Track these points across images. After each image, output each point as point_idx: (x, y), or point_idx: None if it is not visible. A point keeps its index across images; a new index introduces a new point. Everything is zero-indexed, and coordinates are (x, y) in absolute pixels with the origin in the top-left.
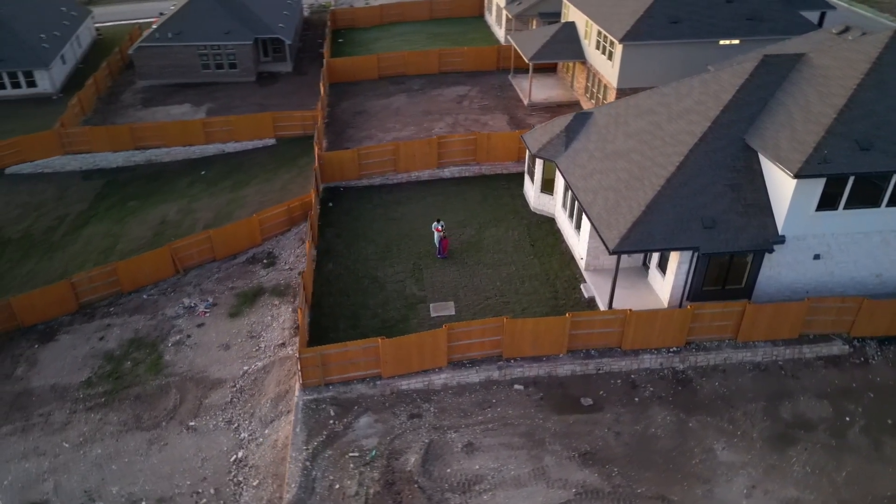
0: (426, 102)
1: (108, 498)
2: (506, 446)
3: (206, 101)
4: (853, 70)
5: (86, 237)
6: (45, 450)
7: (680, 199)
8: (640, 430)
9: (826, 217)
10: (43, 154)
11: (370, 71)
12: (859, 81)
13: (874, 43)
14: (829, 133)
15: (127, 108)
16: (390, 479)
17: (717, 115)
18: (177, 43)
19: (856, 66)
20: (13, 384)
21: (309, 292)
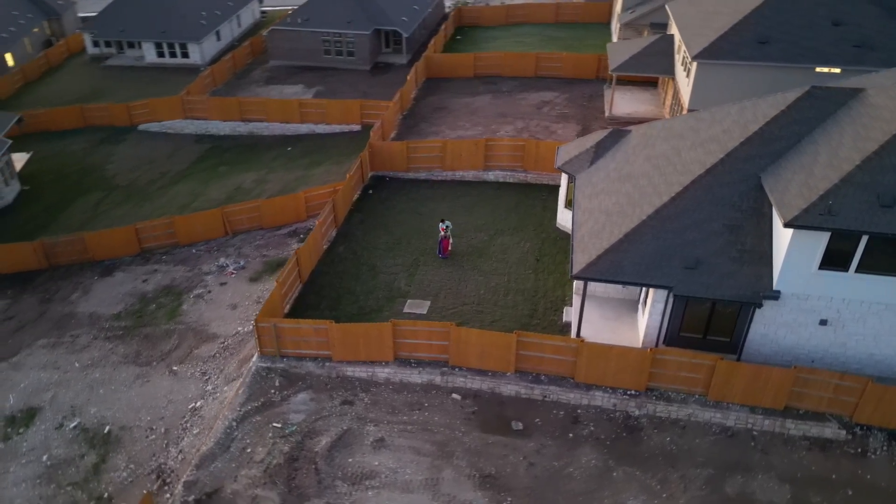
0: (507, 105)
1: (84, 416)
2: (414, 450)
3: (318, 84)
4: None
5: (173, 192)
6: (60, 365)
7: (665, 233)
8: (557, 466)
9: (833, 278)
10: (168, 116)
11: (466, 69)
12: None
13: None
14: (845, 181)
15: (251, 84)
16: (296, 455)
17: (734, 147)
18: (304, 28)
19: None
20: (65, 306)
21: (305, 268)
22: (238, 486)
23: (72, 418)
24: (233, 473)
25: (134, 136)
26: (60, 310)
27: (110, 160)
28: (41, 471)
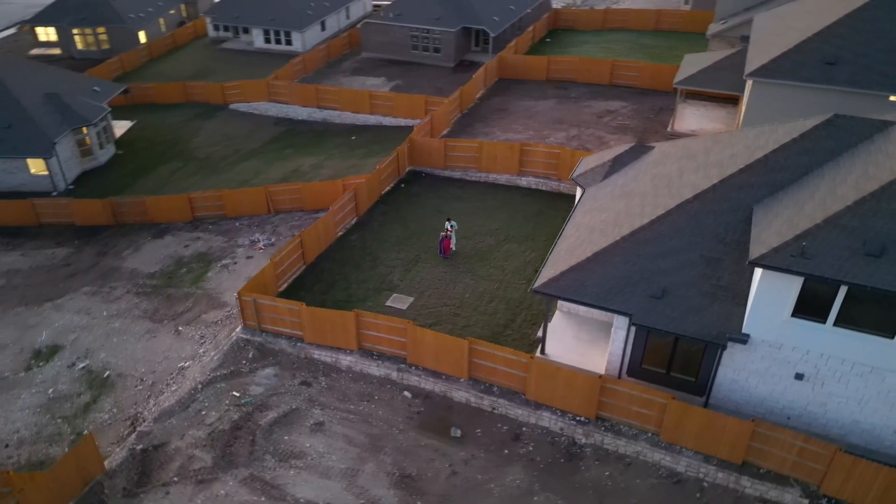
0: (568, 111)
1: (94, 359)
2: (346, 440)
3: (399, 77)
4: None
5: (239, 169)
6: (91, 311)
7: (637, 257)
8: (479, 480)
9: (808, 328)
10: (255, 98)
11: (538, 72)
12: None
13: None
14: (829, 222)
15: (338, 74)
16: (241, 424)
17: (731, 173)
18: (395, 23)
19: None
20: (115, 261)
21: (309, 251)
22: (181, 444)
23: (83, 360)
24: (182, 431)
25: (224, 113)
26: (110, 263)
27: (197, 134)
28: (43, 402)
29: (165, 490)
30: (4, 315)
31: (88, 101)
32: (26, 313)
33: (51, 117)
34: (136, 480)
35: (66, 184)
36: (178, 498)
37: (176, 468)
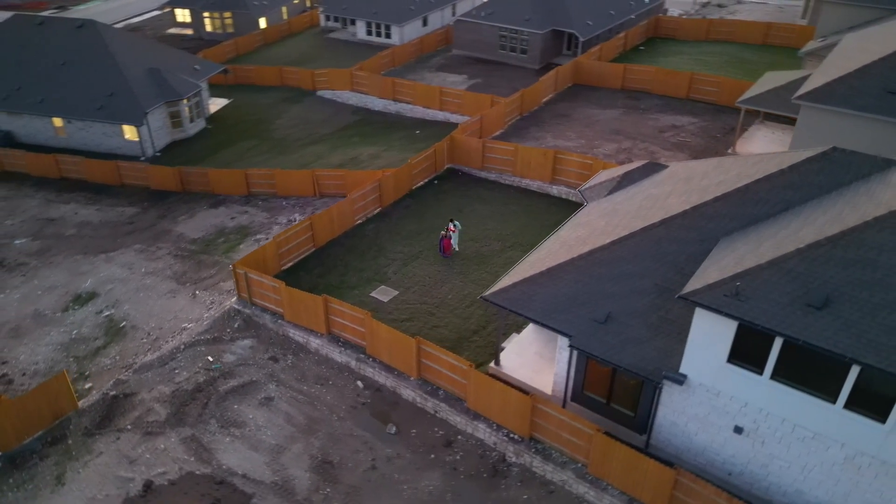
0: (630, 123)
1: (118, 310)
2: (286, 418)
3: (480, 76)
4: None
5: (305, 152)
6: (133, 267)
7: (588, 278)
8: (395, 479)
9: (746, 378)
10: (339, 86)
11: (614, 80)
12: (883, 216)
13: None
14: (773, 265)
15: (423, 69)
16: (202, 387)
17: (706, 200)
18: (485, 21)
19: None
20: (170, 224)
21: (320, 235)
22: (147, 396)
23: (109, 309)
24: (152, 385)
25: (311, 99)
26: (165, 226)
27: (281, 116)
28: (65, 341)
29: (117, 435)
30: (64, 261)
31: (186, 77)
32: (82, 261)
33: (148, 90)
34: (98, 422)
35: (154, 151)
36: (125, 444)
37: (134, 417)
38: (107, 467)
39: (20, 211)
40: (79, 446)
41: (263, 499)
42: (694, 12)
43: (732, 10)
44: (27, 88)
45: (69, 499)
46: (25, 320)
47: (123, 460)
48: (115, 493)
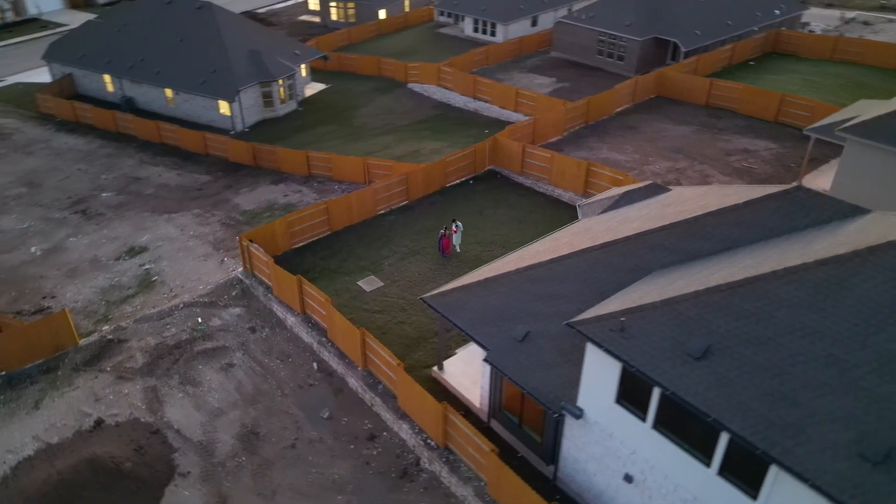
0: (698, 142)
1: (157, 265)
2: (237, 386)
3: (569, 80)
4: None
5: (375, 141)
6: (184, 228)
7: (519, 293)
8: (308, 461)
9: (631, 423)
10: (427, 80)
11: (698, 95)
12: (793, 266)
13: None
14: (666, 305)
15: (516, 69)
16: (181, 344)
17: (651, 229)
18: (585, 25)
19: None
20: (231, 195)
21: (336, 220)
22: (134, 345)
23: (150, 263)
24: (143, 336)
25: (400, 91)
26: (227, 195)
27: (367, 104)
28: (106, 286)
29: (97, 375)
30: (134, 216)
31: (283, 61)
32: (147, 219)
33: (245, 70)
34: (87, 361)
35: (244, 126)
36: (98, 384)
37: (115, 361)
38: (76, 401)
39: (116, 168)
40: (64, 379)
41: (184, 455)
42: (833, 28)
43: (878, 30)
44: (149, 60)
45: (35, 422)
46: (83, 263)
47: (91, 397)
48: (71, 424)
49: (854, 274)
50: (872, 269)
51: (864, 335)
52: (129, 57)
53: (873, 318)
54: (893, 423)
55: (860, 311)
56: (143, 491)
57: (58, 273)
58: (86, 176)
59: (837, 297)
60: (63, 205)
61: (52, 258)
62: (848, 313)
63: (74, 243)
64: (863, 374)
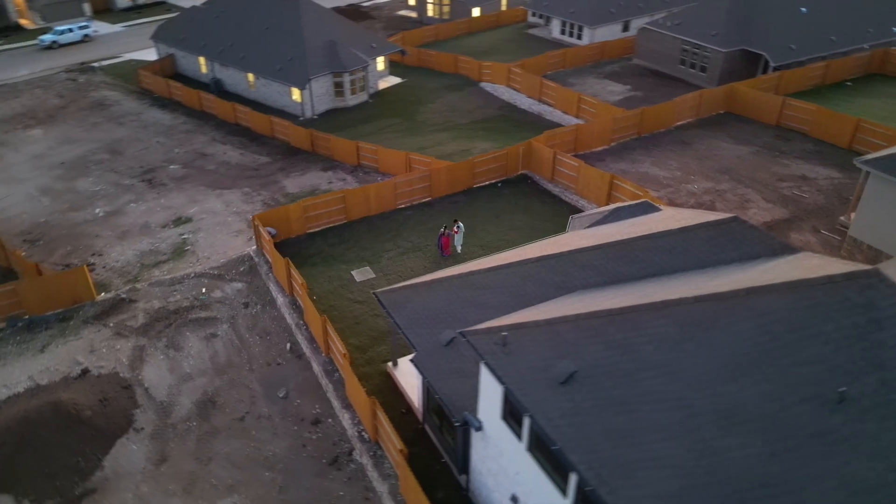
0: (750, 165)
1: (194, 234)
2: (212, 356)
3: (643, 89)
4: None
5: (430, 137)
6: (229, 204)
7: (455, 298)
8: (251, 435)
9: (513, 443)
10: (498, 80)
11: (769, 113)
12: (672, 300)
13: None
14: (549, 324)
15: (592, 74)
16: (179, 311)
17: (584, 247)
18: (668, 32)
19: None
20: (282, 177)
21: (353, 210)
22: (141, 306)
23: (189, 233)
24: (151, 298)
25: (472, 89)
26: (278, 177)
27: (435, 101)
28: (146, 250)
29: (99, 329)
30: (191, 189)
31: (358, 53)
32: (204, 192)
33: (319, 59)
34: (97, 315)
35: (313, 114)
36: (98, 337)
37: (119, 319)
38: (74, 350)
39: (189, 143)
40: (73, 329)
41: (144, 412)
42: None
43: None
44: (236, 46)
45: (35, 363)
46: (135, 228)
47: (88, 349)
48: (63, 370)
49: (724, 315)
50: (742, 311)
51: (717, 382)
52: (220, 41)
53: (730, 364)
54: (722, 478)
55: (720, 356)
56: (97, 439)
57: (111, 234)
58: (161, 148)
59: (703, 338)
60: (134, 173)
61: (111, 220)
62: (708, 356)
63: (133, 209)
64: (705, 423)
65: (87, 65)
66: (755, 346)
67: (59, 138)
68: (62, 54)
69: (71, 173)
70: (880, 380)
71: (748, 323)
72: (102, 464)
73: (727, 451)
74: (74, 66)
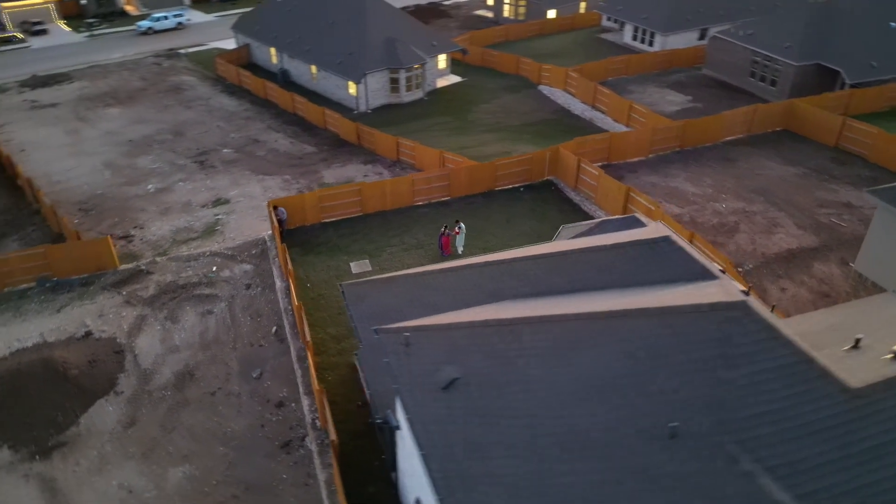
0: (792, 188)
1: (227, 217)
2: (202, 332)
3: (705, 101)
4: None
5: (475, 137)
6: (267, 190)
7: (408, 296)
8: (219, 410)
9: (413, 446)
10: (556, 84)
11: (828, 134)
12: (557, 315)
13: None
14: (447, 329)
15: (654, 83)
16: (186, 286)
17: (521, 257)
18: (740, 42)
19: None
20: (323, 168)
21: (368, 203)
22: (154, 278)
23: (223, 215)
24: (166, 272)
25: (529, 91)
26: (319, 168)
27: (490, 101)
28: (181, 227)
29: (112, 296)
30: (237, 173)
31: (417, 51)
32: (247, 177)
33: (376, 55)
34: (115, 283)
35: (367, 108)
36: (109, 304)
37: (133, 288)
38: (85, 313)
39: (246, 129)
40: (90, 294)
41: (128, 377)
42: None
43: None
44: (304, 38)
45: (49, 322)
46: (177, 205)
47: (97, 313)
48: (70, 330)
49: (595, 335)
50: (610, 333)
51: (570, 403)
52: (290, 34)
53: (586, 386)
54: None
55: (579, 377)
56: (78, 397)
57: (155, 209)
58: (220, 132)
59: (570, 357)
60: (190, 154)
61: (158, 196)
62: (569, 376)
63: (181, 187)
64: (550, 444)
65: (175, 51)
66: (611, 371)
67: (132, 118)
68: (155, 40)
69: (135, 150)
70: (717, 420)
71: (612, 347)
72: (79, 420)
73: (563, 475)
74: (162, 52)
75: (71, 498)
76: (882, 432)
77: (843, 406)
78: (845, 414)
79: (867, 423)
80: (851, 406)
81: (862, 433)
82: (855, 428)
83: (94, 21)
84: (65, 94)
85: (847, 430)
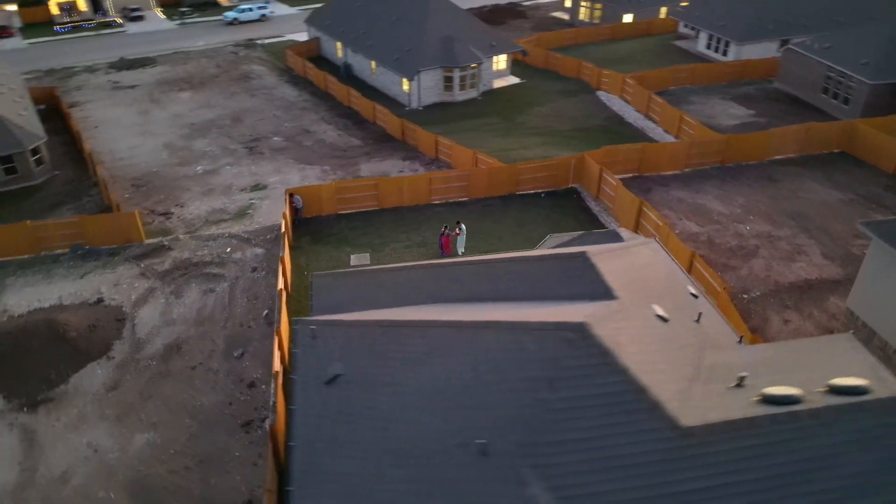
0: (831, 215)
1: (260, 200)
2: (199, 309)
3: (768, 116)
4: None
5: (518, 139)
6: (305, 179)
7: (359, 292)
8: (195, 385)
9: None
10: (613, 90)
11: (887, 158)
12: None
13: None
14: (352, 326)
15: (717, 95)
16: (199, 264)
17: (460, 262)
18: (815, 56)
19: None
20: (363, 161)
21: (385, 198)
22: (173, 255)
23: (257, 199)
24: (185, 248)
25: (586, 96)
26: (358, 161)
27: (545, 104)
28: (217, 208)
29: (132, 267)
30: (281, 161)
31: (474, 50)
32: (287, 165)
33: (432, 53)
34: (137, 256)
35: (419, 105)
36: (126, 274)
37: (151, 262)
38: (103, 281)
39: (300, 119)
40: (114, 264)
41: (123, 344)
42: None
43: None
44: (367, 34)
45: (69, 286)
46: (219, 188)
47: (114, 282)
48: (85, 296)
49: (457, 343)
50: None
51: (418, 410)
52: (355, 29)
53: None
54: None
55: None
56: (74, 358)
57: (199, 190)
58: (275, 121)
59: (434, 363)
60: (243, 139)
61: (205, 178)
62: (426, 382)
63: (227, 171)
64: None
65: (252, 41)
66: (453, 382)
67: (200, 102)
68: (239, 30)
69: (194, 133)
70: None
71: (463, 357)
72: (69, 380)
73: (396, 481)
74: (242, 42)
75: (45, 450)
76: (704, 476)
77: (666, 443)
78: (666, 452)
79: (688, 463)
80: (675, 444)
81: (680, 474)
82: (673, 468)
83: (188, 10)
84: (146, 77)
85: (663, 469)
